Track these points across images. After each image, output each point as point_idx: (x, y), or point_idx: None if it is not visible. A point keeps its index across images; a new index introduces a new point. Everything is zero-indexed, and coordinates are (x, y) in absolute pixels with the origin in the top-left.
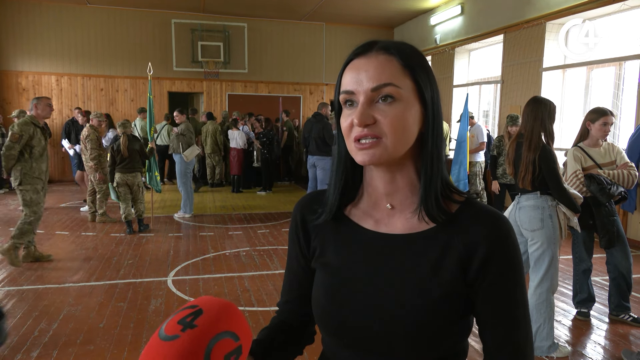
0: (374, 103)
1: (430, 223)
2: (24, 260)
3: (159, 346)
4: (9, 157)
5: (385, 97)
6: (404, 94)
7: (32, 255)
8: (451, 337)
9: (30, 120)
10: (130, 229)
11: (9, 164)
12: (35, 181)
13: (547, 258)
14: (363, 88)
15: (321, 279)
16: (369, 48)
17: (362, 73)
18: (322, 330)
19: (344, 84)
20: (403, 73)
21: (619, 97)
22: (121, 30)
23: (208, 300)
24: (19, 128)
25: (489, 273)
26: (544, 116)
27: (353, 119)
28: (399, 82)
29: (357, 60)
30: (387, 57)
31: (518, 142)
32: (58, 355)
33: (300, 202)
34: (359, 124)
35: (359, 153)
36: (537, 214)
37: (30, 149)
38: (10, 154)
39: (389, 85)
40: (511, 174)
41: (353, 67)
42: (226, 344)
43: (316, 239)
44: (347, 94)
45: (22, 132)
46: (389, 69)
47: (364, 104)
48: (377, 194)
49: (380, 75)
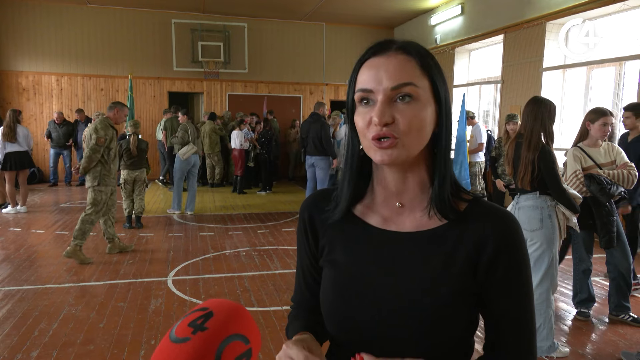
0: (393, 102)
1: (439, 221)
2: (110, 252)
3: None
4: (92, 159)
5: (404, 97)
6: (422, 93)
7: (118, 246)
8: (458, 334)
9: (108, 123)
10: (129, 224)
11: (90, 166)
12: (111, 182)
13: (546, 258)
14: (383, 87)
15: (329, 277)
16: (387, 47)
17: (381, 71)
18: (329, 327)
19: (360, 82)
20: (421, 73)
21: (619, 97)
22: (121, 30)
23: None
24: (104, 132)
25: (498, 269)
26: (543, 116)
27: (372, 117)
28: (418, 82)
29: (375, 58)
30: (406, 57)
31: (517, 142)
32: (58, 355)
33: (307, 202)
34: (379, 123)
35: (378, 152)
36: (537, 214)
37: (108, 151)
38: (94, 157)
39: (409, 85)
40: (510, 174)
41: (371, 66)
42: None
43: (324, 238)
44: (364, 92)
45: (106, 136)
46: (409, 69)
47: (383, 103)
48: (387, 192)
49: (401, 74)
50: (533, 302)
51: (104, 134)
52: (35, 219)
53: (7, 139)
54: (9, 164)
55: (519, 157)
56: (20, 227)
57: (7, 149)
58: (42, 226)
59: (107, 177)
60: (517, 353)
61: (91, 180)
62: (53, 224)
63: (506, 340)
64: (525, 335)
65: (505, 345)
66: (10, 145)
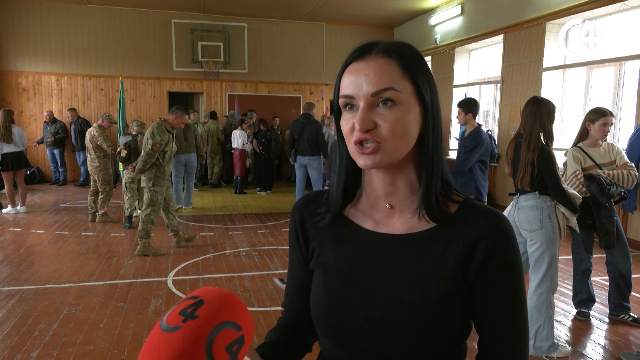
0: (374, 107)
1: (429, 223)
2: (178, 246)
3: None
4: (147, 162)
5: (386, 101)
6: (404, 97)
7: (183, 238)
8: (451, 338)
9: (165, 127)
10: (129, 224)
11: (145, 167)
12: (166, 183)
13: (546, 258)
14: (363, 92)
15: (320, 280)
16: (368, 51)
17: (361, 77)
18: (320, 331)
19: (343, 88)
20: (402, 76)
21: (619, 97)
22: (121, 30)
23: (209, 290)
24: (160, 137)
25: (489, 270)
26: (543, 116)
27: (354, 123)
28: (399, 85)
29: (356, 63)
30: (387, 60)
31: (517, 142)
32: (58, 355)
33: (298, 203)
34: (360, 130)
35: (360, 157)
36: (536, 214)
37: (163, 154)
38: (149, 161)
39: (389, 90)
40: (509, 174)
41: (352, 71)
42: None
43: (315, 240)
44: (346, 98)
45: (162, 141)
46: (389, 72)
47: (364, 109)
48: (376, 194)
49: (380, 79)
50: (525, 303)
51: (160, 139)
52: (35, 219)
53: (3, 139)
54: (6, 164)
55: (519, 157)
56: (20, 227)
57: (4, 150)
58: (42, 226)
59: (161, 179)
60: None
61: (146, 181)
62: (53, 224)
63: (498, 342)
64: (517, 336)
65: (498, 346)
66: (6, 146)
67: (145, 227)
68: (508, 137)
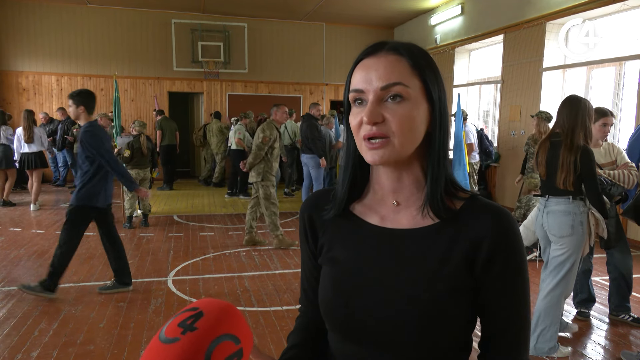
0: (383, 102)
1: (435, 219)
2: (247, 244)
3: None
4: (257, 156)
5: (394, 96)
6: (413, 93)
7: (253, 239)
8: (456, 331)
9: (274, 125)
10: (129, 224)
11: (255, 162)
12: (273, 178)
13: (568, 264)
14: (373, 87)
15: (328, 274)
16: (379, 48)
17: (372, 72)
18: (328, 324)
19: (353, 83)
20: (412, 73)
21: (619, 97)
22: (121, 30)
23: (209, 302)
24: (269, 132)
25: (494, 265)
26: (584, 115)
27: (362, 116)
28: (408, 81)
29: (367, 59)
30: (397, 57)
31: (552, 141)
32: (58, 355)
33: (307, 201)
34: (368, 122)
35: (368, 152)
36: (568, 220)
37: (271, 150)
38: (259, 154)
39: (398, 85)
40: (544, 175)
41: (363, 66)
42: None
43: (324, 236)
44: (356, 92)
45: (271, 136)
46: (398, 68)
47: (373, 102)
48: (383, 191)
49: (390, 74)
50: (529, 299)
51: (269, 133)
52: (35, 219)
53: (26, 140)
54: (26, 163)
55: (555, 157)
56: (21, 227)
57: (24, 150)
58: (42, 226)
59: (269, 174)
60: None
61: (255, 176)
62: (53, 224)
63: (501, 338)
64: (520, 332)
65: (500, 342)
66: (27, 146)
67: (271, 221)
68: (508, 137)
